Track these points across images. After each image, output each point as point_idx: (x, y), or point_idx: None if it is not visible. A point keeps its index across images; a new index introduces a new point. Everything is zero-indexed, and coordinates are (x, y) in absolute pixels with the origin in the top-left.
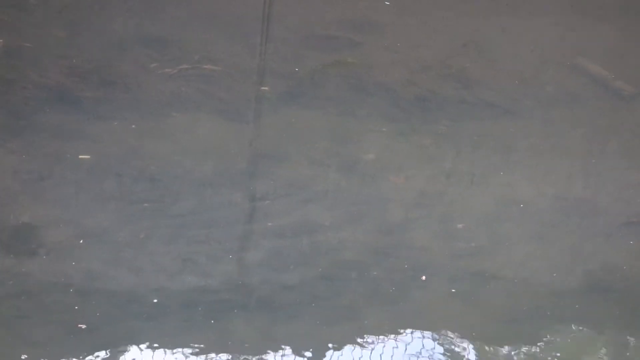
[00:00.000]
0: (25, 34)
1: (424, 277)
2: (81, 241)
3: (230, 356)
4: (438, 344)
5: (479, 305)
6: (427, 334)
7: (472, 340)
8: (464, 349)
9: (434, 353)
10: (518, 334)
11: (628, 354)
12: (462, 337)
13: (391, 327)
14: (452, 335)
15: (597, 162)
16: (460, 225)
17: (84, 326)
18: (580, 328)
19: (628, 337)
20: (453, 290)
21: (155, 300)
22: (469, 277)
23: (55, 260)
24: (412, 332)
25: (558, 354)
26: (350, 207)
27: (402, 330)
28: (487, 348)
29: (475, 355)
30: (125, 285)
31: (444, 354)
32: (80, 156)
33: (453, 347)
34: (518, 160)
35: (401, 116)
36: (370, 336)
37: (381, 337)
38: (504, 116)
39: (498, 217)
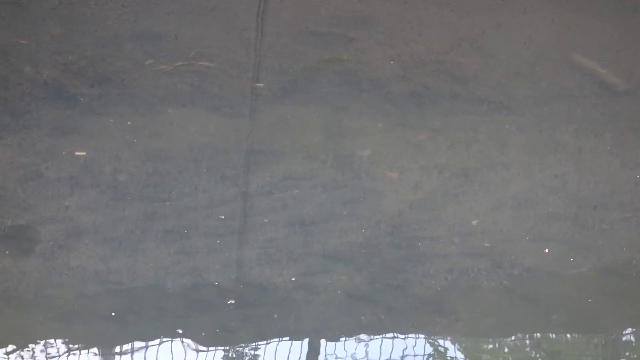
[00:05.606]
0: (20, 31)
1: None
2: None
3: (227, 351)
4: (435, 339)
5: (478, 298)
6: (426, 328)
7: (468, 335)
8: (461, 344)
9: (431, 348)
10: (512, 328)
11: (627, 345)
12: (459, 332)
13: (388, 322)
14: (450, 331)
15: (590, 157)
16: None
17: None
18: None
19: (626, 330)
20: (449, 283)
21: (151, 297)
22: (465, 271)
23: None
24: (409, 327)
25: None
26: (346, 202)
27: (400, 325)
28: (483, 343)
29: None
30: (122, 282)
31: (441, 351)
32: (76, 153)
33: (450, 343)
34: (512, 155)
35: (396, 112)
36: (367, 330)
37: (378, 331)
38: (498, 111)
39: (493, 211)
